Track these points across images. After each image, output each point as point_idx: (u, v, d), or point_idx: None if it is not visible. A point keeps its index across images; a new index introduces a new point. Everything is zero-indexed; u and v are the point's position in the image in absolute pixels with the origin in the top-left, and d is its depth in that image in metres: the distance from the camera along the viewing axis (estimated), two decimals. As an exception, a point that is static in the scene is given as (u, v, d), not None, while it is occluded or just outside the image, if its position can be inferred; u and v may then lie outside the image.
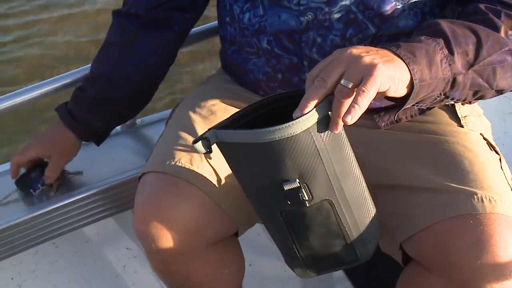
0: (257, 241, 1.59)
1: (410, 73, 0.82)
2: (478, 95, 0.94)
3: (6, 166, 1.40)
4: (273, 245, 1.60)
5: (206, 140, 0.84)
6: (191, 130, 1.10)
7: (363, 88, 0.76)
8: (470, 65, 0.89)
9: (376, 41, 1.03)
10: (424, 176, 1.02)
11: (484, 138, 1.09)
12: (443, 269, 0.97)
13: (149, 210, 1.02)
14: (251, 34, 1.09)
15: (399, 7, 1.00)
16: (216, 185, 1.05)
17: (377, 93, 0.78)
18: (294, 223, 0.89)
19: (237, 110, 0.90)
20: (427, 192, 1.00)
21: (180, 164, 1.04)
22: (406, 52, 0.83)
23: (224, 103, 1.17)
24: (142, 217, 1.03)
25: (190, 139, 1.08)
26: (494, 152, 1.07)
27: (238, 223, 1.09)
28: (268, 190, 0.85)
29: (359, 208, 0.91)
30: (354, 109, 0.76)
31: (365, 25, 1.00)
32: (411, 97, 0.84)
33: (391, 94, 0.81)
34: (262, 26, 1.06)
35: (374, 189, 1.08)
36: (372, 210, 0.94)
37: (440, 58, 0.86)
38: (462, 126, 1.09)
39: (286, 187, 0.83)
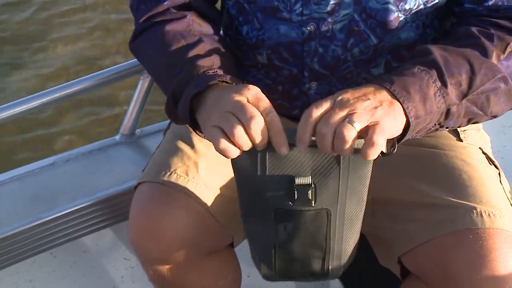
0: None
1: (405, 112, 0.83)
2: (472, 121, 0.94)
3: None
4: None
5: None
6: (188, 141, 1.10)
7: (374, 140, 0.78)
8: (464, 95, 0.89)
9: (377, 54, 1.03)
10: (423, 191, 1.02)
11: (483, 152, 1.09)
12: (442, 283, 0.97)
13: (143, 220, 1.02)
14: (248, 49, 1.09)
15: (401, 18, 1.00)
16: (211, 196, 1.05)
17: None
18: (284, 224, 0.88)
19: None
20: (426, 207, 1.00)
21: (175, 175, 1.04)
22: (400, 89, 0.83)
23: None
24: (136, 227, 1.03)
25: (187, 150, 1.08)
26: (493, 166, 1.07)
27: (233, 234, 1.09)
28: (275, 183, 0.84)
29: (351, 227, 0.91)
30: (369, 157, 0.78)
31: (367, 35, 1.00)
32: (407, 134, 0.85)
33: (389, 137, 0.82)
34: (260, 40, 1.06)
35: (373, 203, 1.08)
36: (357, 234, 0.94)
37: (433, 92, 0.86)
38: (461, 140, 1.09)
39: (298, 181, 0.83)
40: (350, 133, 0.78)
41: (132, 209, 1.05)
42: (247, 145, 0.81)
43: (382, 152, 0.81)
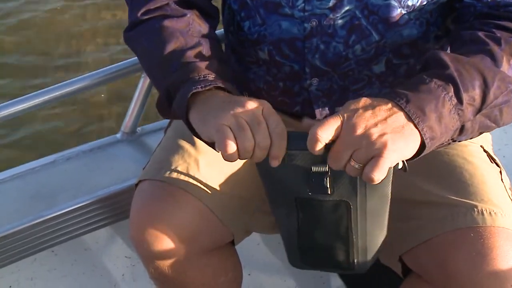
0: (256, 250, 1.58)
1: (420, 133, 0.82)
2: (484, 132, 0.93)
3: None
4: (273, 255, 1.60)
5: None
6: (189, 139, 1.10)
7: (373, 175, 0.79)
8: (478, 110, 0.86)
9: (379, 51, 1.02)
10: (424, 189, 1.02)
11: (485, 151, 1.09)
12: (442, 281, 0.97)
13: (144, 218, 1.02)
14: (250, 45, 1.09)
15: (404, 14, 0.99)
16: (212, 194, 1.05)
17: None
18: (305, 212, 0.89)
19: None
20: (427, 205, 1.00)
21: (176, 172, 1.04)
22: (415, 109, 0.81)
23: None
24: (137, 225, 1.03)
25: (188, 147, 1.08)
26: (494, 164, 1.07)
27: (234, 231, 1.09)
28: (293, 172, 0.85)
29: (374, 221, 0.91)
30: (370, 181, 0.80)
31: (368, 31, 1.00)
32: (423, 153, 0.84)
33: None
34: (261, 35, 1.05)
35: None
36: (384, 230, 0.94)
37: (449, 110, 0.83)
38: (462, 139, 1.08)
39: (314, 169, 0.84)
40: (353, 171, 0.81)
41: (133, 207, 1.05)
42: (252, 157, 0.84)
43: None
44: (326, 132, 0.80)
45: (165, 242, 1.02)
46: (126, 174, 1.43)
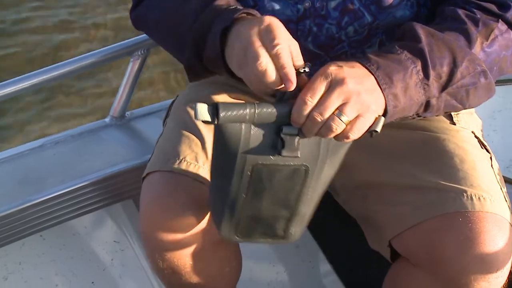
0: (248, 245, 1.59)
1: (385, 99, 0.84)
2: (449, 112, 0.96)
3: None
4: (268, 246, 1.60)
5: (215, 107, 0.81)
6: (192, 127, 1.08)
7: (352, 133, 0.82)
8: (443, 88, 0.90)
9: (372, 32, 1.02)
10: (414, 174, 1.02)
11: (476, 136, 1.09)
12: (431, 266, 0.98)
13: (157, 211, 1.00)
14: None
15: None
16: None
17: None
18: (259, 180, 0.87)
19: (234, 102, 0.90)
20: (416, 190, 1.00)
21: (185, 162, 1.03)
22: (384, 76, 0.84)
23: (220, 96, 1.16)
24: (149, 218, 1.01)
25: (192, 136, 1.07)
26: (484, 150, 1.08)
27: None
28: (260, 135, 0.84)
29: (321, 189, 0.91)
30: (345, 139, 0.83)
31: (361, 13, 1.00)
32: (385, 120, 0.85)
33: None
34: None
35: (364, 187, 1.08)
36: (319, 200, 0.94)
37: (415, 83, 0.87)
38: (454, 124, 1.09)
39: (285, 131, 0.83)
40: (339, 126, 0.81)
41: (143, 200, 1.03)
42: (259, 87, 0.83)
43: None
44: (315, 96, 0.80)
45: (178, 234, 1.01)
46: (115, 158, 1.42)
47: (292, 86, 0.81)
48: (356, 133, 0.82)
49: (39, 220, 1.36)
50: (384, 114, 0.85)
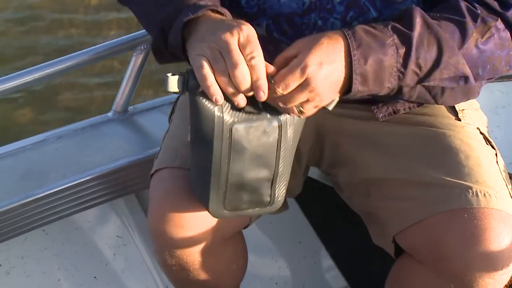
0: (247, 232, 1.59)
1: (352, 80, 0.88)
2: (420, 102, 0.98)
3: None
4: (264, 236, 1.60)
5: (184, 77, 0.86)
6: None
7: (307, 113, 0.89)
8: (420, 81, 0.92)
9: None
10: (419, 170, 1.02)
11: (481, 133, 1.09)
12: (435, 262, 0.97)
13: (167, 208, 1.00)
14: (247, 20, 1.07)
15: None
16: None
17: None
18: (239, 140, 0.90)
19: None
20: (421, 186, 1.00)
21: None
22: (360, 56, 0.87)
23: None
24: (159, 215, 1.00)
25: None
26: (490, 146, 1.07)
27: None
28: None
29: (293, 149, 0.95)
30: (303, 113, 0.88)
31: (366, 8, 0.99)
32: (347, 96, 0.90)
33: None
34: (261, 9, 1.04)
35: (368, 183, 1.08)
36: (291, 163, 0.97)
37: (391, 67, 0.89)
38: (459, 120, 1.08)
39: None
40: (294, 114, 0.89)
41: (153, 197, 1.03)
42: (229, 89, 0.84)
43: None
44: (285, 90, 0.86)
45: (188, 231, 1.00)
46: (117, 153, 1.42)
47: (263, 98, 0.85)
48: (308, 114, 0.90)
49: (41, 214, 1.36)
50: (348, 92, 0.90)
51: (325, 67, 0.86)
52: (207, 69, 0.83)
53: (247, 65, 0.83)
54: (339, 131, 1.12)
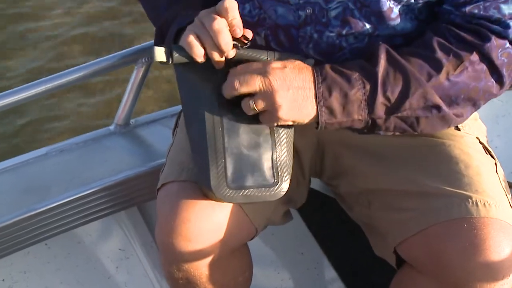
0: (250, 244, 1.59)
1: (317, 111, 0.94)
2: (402, 132, 1.00)
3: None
4: (266, 247, 1.60)
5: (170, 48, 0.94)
6: None
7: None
8: (391, 112, 0.95)
9: (372, 41, 1.02)
10: (418, 180, 1.02)
11: (480, 142, 1.09)
12: (436, 272, 0.97)
13: (175, 221, 0.99)
14: (249, 29, 1.08)
15: (395, 9, 0.99)
16: None
17: None
18: (231, 107, 0.94)
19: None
20: (422, 196, 1.00)
21: None
22: (324, 89, 0.94)
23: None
24: (167, 229, 1.00)
25: None
26: (489, 156, 1.08)
27: (258, 227, 1.09)
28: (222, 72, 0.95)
29: (291, 140, 0.99)
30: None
31: (362, 23, 1.00)
32: (319, 129, 0.96)
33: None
34: (261, 18, 1.05)
35: (368, 193, 1.08)
36: (291, 147, 1.00)
37: (359, 102, 0.94)
38: (458, 129, 1.09)
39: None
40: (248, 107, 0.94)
41: (160, 211, 1.03)
42: (214, 51, 0.92)
43: None
44: (243, 89, 0.93)
45: (197, 245, 1.00)
46: (119, 166, 1.42)
47: (239, 34, 0.93)
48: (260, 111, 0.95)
49: (44, 228, 1.36)
50: (316, 125, 0.95)
51: (287, 75, 0.93)
52: (191, 37, 0.92)
53: (223, 17, 0.91)
54: (340, 142, 1.13)
